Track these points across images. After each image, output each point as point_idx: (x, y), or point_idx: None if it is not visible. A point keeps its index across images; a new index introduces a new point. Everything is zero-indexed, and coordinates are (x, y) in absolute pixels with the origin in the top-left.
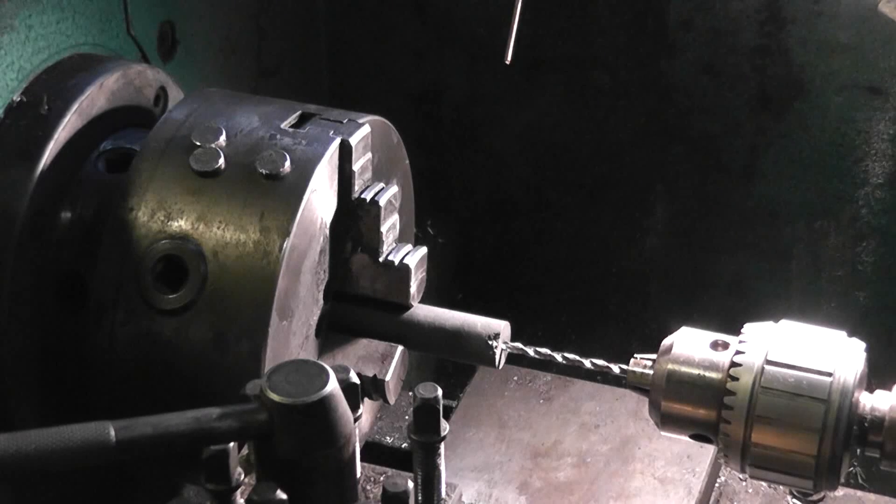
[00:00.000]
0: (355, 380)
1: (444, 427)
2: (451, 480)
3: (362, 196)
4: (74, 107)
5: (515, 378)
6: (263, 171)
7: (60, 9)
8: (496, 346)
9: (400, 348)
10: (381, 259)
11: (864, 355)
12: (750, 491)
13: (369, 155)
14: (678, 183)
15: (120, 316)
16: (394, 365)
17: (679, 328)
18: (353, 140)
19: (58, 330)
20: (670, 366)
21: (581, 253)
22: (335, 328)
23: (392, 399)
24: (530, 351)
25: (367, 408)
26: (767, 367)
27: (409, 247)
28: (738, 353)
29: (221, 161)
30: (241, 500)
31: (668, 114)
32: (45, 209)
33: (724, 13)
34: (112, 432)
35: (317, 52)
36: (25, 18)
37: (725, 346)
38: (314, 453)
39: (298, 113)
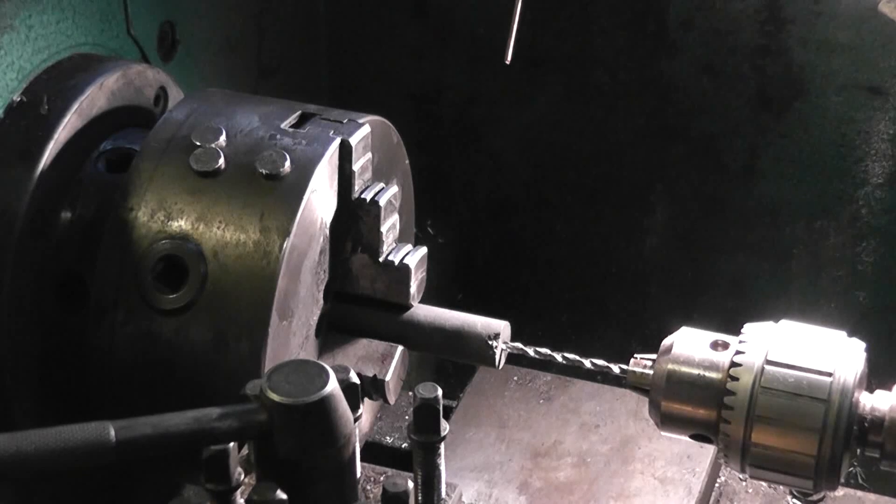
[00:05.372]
0: (355, 380)
1: (444, 427)
2: (451, 480)
3: (362, 196)
4: (74, 107)
5: (515, 378)
6: (263, 171)
7: (60, 9)
8: (496, 346)
9: (400, 348)
10: (381, 259)
11: (864, 355)
12: (750, 491)
13: (369, 155)
14: (678, 183)
15: (120, 316)
16: (394, 365)
17: (679, 328)
18: (353, 140)
19: (58, 330)
20: (670, 366)
21: (581, 253)
22: (335, 328)
23: (392, 399)
24: (530, 351)
25: (367, 408)
26: (767, 367)
27: (409, 247)
28: (738, 353)
29: (221, 161)
30: (241, 500)
31: (668, 114)
32: (45, 209)
33: (724, 13)
34: (112, 432)
35: (317, 52)
36: (25, 18)
37: (725, 346)
38: (314, 453)
39: (298, 113)
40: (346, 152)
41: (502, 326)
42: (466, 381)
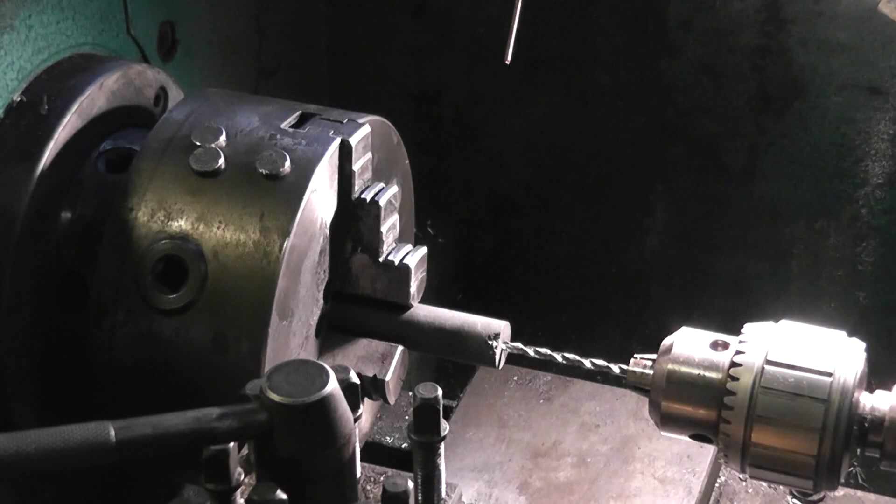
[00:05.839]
0: (355, 380)
1: (444, 427)
2: (451, 480)
3: (362, 196)
4: (74, 107)
5: (515, 378)
6: (263, 171)
7: (60, 9)
8: (496, 346)
9: (400, 348)
10: (381, 259)
11: (864, 355)
12: (750, 491)
13: (369, 155)
14: (678, 183)
15: (120, 316)
16: (394, 365)
17: (679, 328)
18: (353, 140)
19: (58, 330)
20: (670, 366)
21: (581, 253)
22: (335, 328)
23: (392, 399)
24: (530, 351)
25: (367, 408)
26: (767, 367)
27: (409, 247)
28: (738, 353)
29: (221, 161)
30: (241, 500)
31: (668, 114)
32: (45, 209)
33: (724, 13)
34: (112, 432)
35: (317, 52)
36: (25, 18)
37: (725, 346)
38: (314, 453)
39: (298, 113)
40: (346, 152)
41: (502, 326)
42: (466, 381)
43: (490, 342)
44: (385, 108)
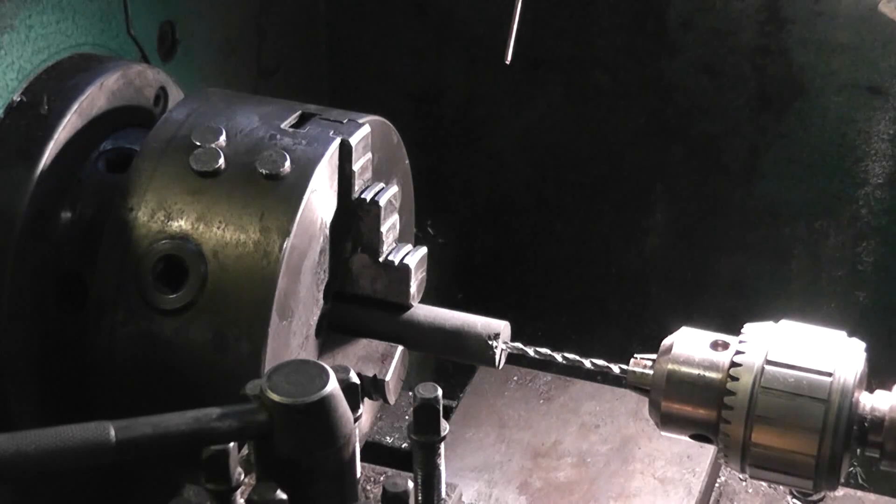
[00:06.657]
0: (355, 380)
1: (444, 427)
2: (451, 480)
3: (362, 196)
4: (74, 107)
5: (515, 378)
6: (263, 171)
7: (60, 9)
8: (496, 346)
9: (400, 348)
10: (381, 259)
11: (864, 355)
12: (750, 491)
13: (369, 155)
14: (678, 183)
15: (120, 316)
16: (394, 365)
17: (679, 328)
18: (353, 140)
19: (58, 330)
20: (670, 366)
21: (581, 253)
22: (335, 328)
23: (392, 399)
24: (530, 351)
25: (367, 408)
26: (767, 367)
27: (409, 247)
28: (738, 353)
29: (221, 161)
30: (241, 500)
31: (668, 114)
32: (45, 209)
33: (724, 13)
34: (112, 432)
35: (317, 52)
36: (25, 18)
37: (725, 346)
38: (314, 453)
39: (298, 113)
40: (346, 152)
41: (502, 326)
42: (466, 381)
43: (490, 342)
44: (385, 108)
